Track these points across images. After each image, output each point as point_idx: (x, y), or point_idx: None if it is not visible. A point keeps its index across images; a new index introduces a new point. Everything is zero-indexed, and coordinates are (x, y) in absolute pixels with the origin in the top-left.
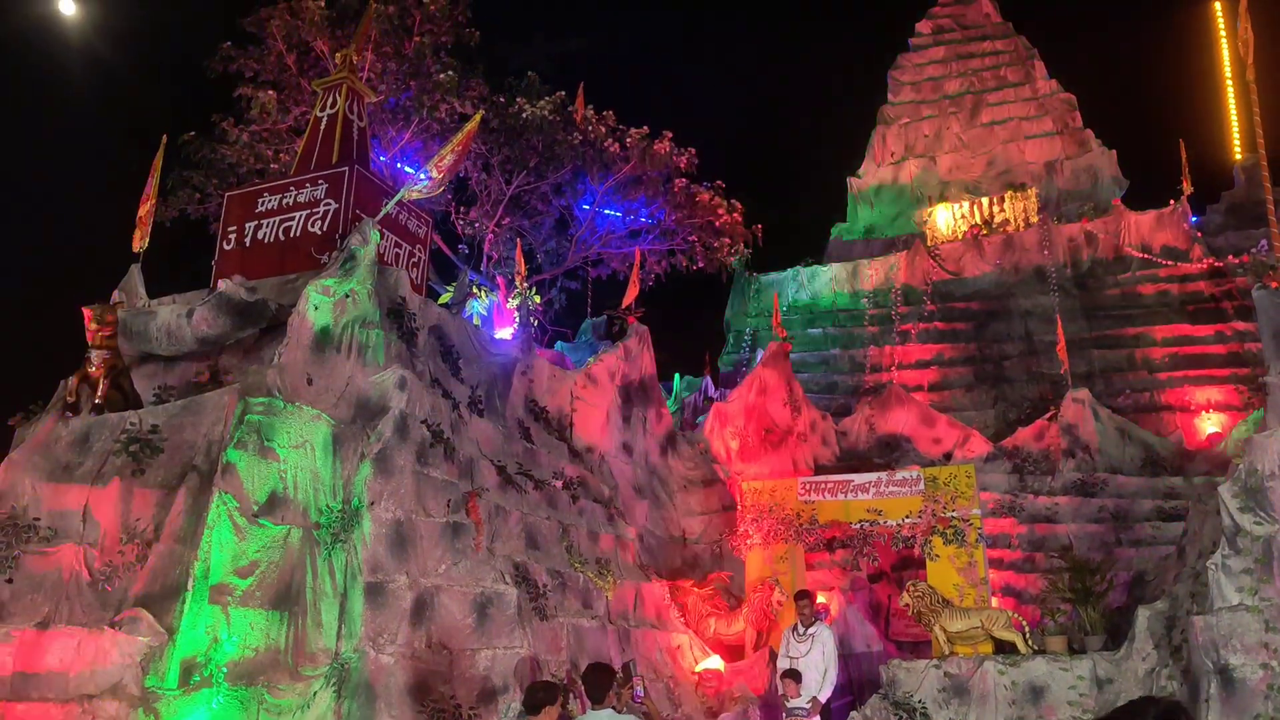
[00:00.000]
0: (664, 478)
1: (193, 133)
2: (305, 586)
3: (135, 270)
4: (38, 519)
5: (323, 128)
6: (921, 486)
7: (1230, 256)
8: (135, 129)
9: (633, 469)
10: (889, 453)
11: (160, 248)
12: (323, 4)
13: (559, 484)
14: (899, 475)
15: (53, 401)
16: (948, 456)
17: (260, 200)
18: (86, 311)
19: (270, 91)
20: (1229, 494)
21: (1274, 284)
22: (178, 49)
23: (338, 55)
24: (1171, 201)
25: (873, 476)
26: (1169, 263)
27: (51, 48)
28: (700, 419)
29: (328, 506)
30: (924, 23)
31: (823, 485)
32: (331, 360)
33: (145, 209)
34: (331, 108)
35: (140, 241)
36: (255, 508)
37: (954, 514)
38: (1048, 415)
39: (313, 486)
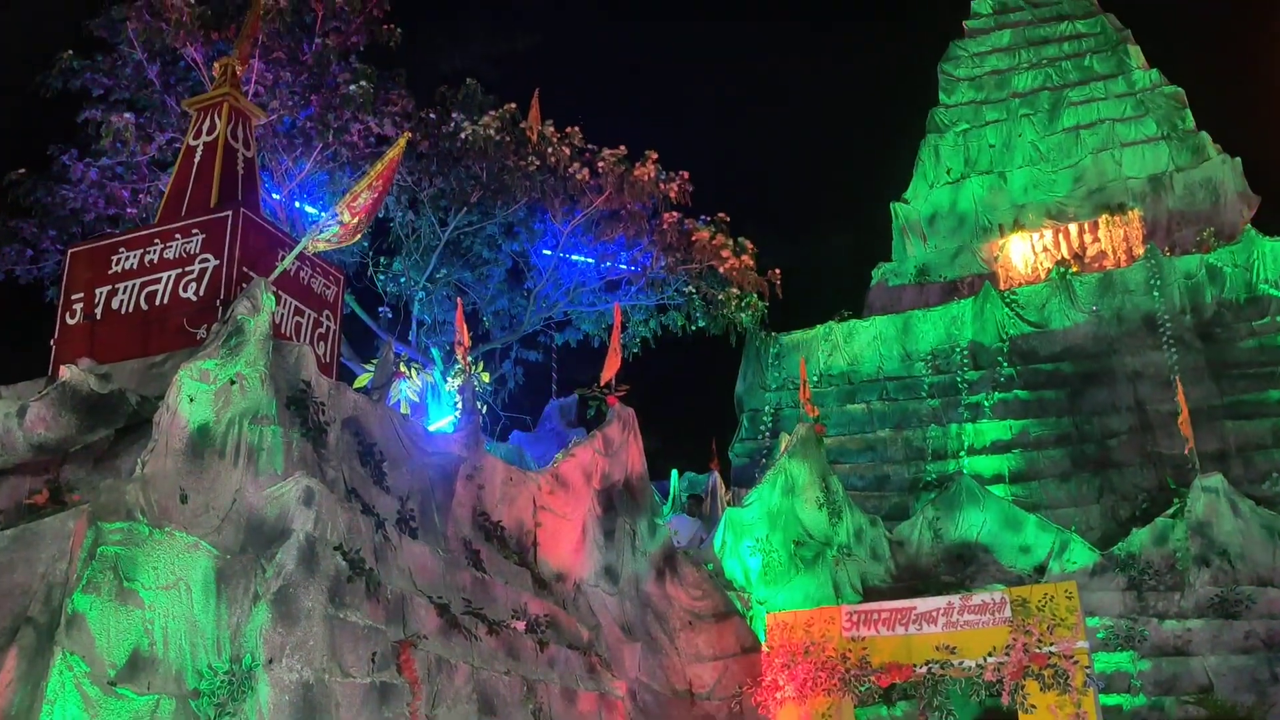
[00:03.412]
0: (662, 612)
1: (23, 170)
2: None
3: None
4: None
5: (197, 159)
6: (1008, 613)
7: None
8: None
9: (620, 601)
10: (962, 568)
11: None
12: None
13: (521, 626)
14: (977, 599)
15: None
16: (1041, 571)
17: (115, 257)
18: None
19: (126, 114)
20: None
21: None
22: (3, 60)
23: (216, 65)
24: None
25: (941, 601)
26: None
27: None
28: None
29: (210, 668)
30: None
31: (875, 615)
32: (213, 469)
33: None
34: (209, 133)
35: None
36: (112, 672)
37: (1053, 648)
38: (1170, 510)
39: (190, 641)
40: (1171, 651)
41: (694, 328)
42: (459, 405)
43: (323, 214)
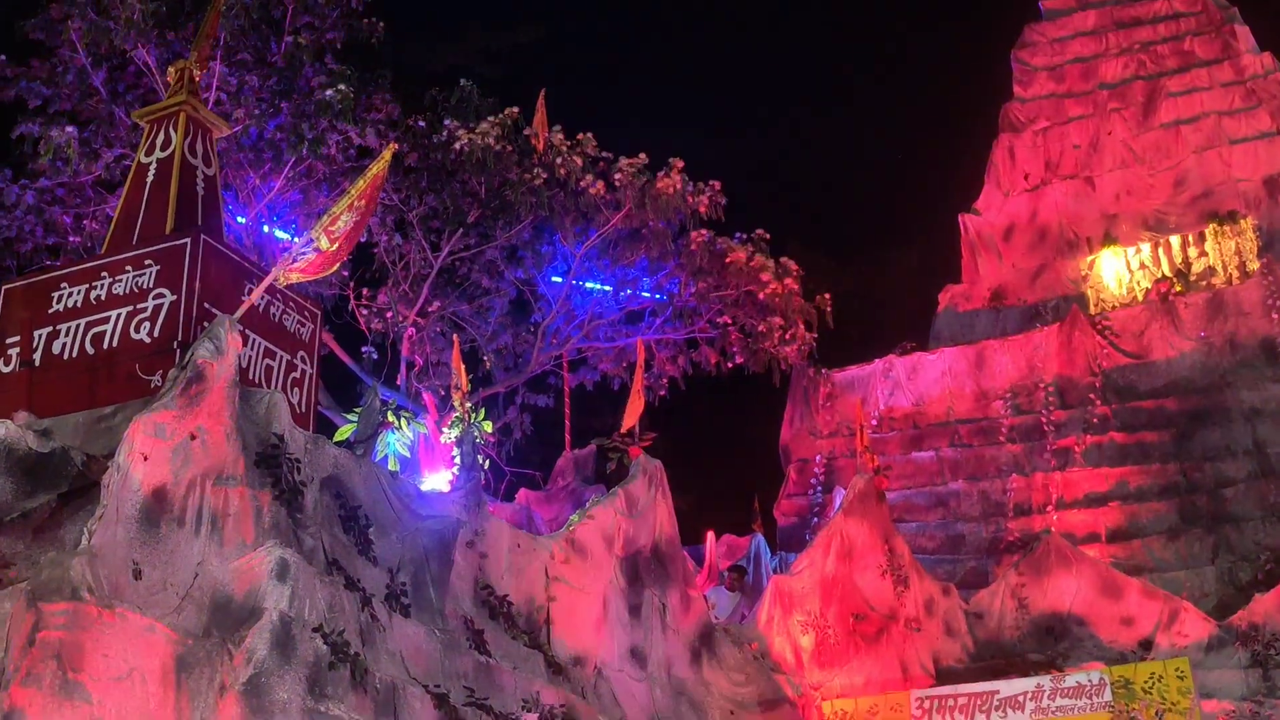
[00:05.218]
0: (698, 700)
1: None
2: None
3: None
4: None
5: (150, 179)
6: (1108, 696)
7: None
8: None
9: (648, 688)
10: (1052, 643)
11: None
12: None
13: (533, 718)
14: (1071, 680)
15: None
16: (1147, 645)
17: (56, 294)
18: None
19: (68, 128)
20: None
21: None
22: None
23: (171, 69)
24: None
25: (1029, 684)
26: None
27: None
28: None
29: None
30: None
31: (951, 702)
32: (171, 539)
33: None
34: (163, 148)
35: None
36: None
37: None
38: None
39: None
40: None
41: (730, 365)
42: (457, 460)
43: (296, 240)
